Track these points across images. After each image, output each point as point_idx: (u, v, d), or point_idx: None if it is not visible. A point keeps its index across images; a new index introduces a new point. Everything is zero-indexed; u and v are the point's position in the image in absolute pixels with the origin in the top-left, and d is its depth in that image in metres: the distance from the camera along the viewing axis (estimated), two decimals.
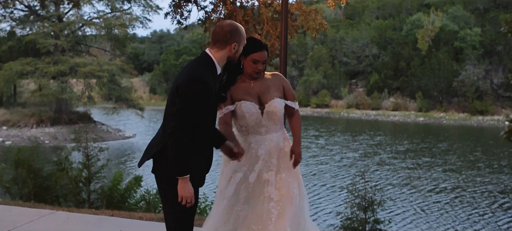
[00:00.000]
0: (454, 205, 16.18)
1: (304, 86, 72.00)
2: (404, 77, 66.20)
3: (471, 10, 71.83)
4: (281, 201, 3.97)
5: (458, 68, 63.84)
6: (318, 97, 70.50)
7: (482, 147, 33.96)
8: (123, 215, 7.94)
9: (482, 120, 60.33)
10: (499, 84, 63.32)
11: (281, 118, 4.02)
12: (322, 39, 69.91)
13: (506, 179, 21.33)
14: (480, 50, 64.85)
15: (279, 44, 12.27)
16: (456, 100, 63.93)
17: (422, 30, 67.46)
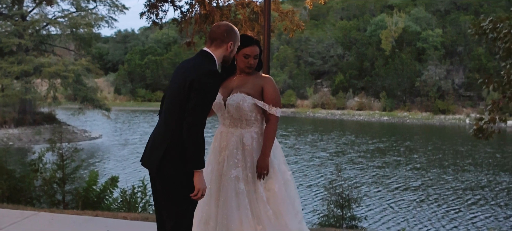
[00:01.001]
0: (424, 202, 16.58)
1: None
2: (369, 77, 67.28)
3: (433, 12, 73.53)
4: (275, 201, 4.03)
5: (421, 69, 65.30)
6: (284, 97, 70.93)
7: (446, 145, 34.77)
8: (107, 215, 7.90)
9: (444, 118, 61.82)
10: (460, 84, 65.01)
11: (247, 114, 3.98)
12: (288, 40, 70.39)
13: (471, 176, 21.99)
14: (441, 51, 66.47)
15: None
16: (419, 99, 65.35)
17: (386, 31, 68.68)
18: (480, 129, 10.70)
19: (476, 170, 23.66)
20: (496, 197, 17.84)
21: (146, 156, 3.65)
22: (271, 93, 4.01)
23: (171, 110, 3.47)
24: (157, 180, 3.56)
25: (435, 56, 65.52)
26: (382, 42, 68.49)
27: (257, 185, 3.98)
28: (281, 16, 11.38)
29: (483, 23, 10.60)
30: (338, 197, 10.91)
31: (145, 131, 39.95)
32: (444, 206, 16.00)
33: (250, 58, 3.95)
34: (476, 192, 18.44)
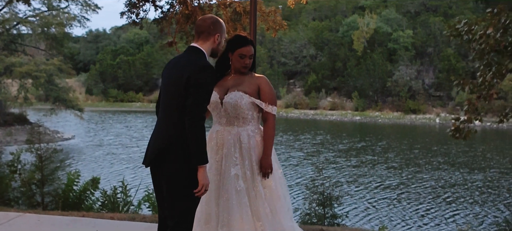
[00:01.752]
0: (402, 200, 16.84)
1: None
2: (341, 78, 67.90)
3: (403, 13, 74.60)
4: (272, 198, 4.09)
5: (392, 69, 66.22)
6: None
7: (419, 144, 35.34)
8: (93, 216, 7.86)
9: (415, 118, 62.81)
10: (430, 84, 66.17)
11: (244, 113, 4.02)
12: (261, 40, 70.60)
13: (445, 174, 22.39)
14: (412, 52, 67.53)
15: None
16: (390, 99, 66.28)
17: (357, 31, 69.43)
18: (457, 129, 10.91)
19: (450, 168, 24.11)
20: (471, 195, 18.25)
21: (148, 156, 3.64)
22: (268, 92, 4.07)
23: (169, 110, 3.48)
24: (160, 179, 3.57)
25: (406, 57, 66.54)
26: (354, 43, 69.22)
27: (257, 182, 4.04)
28: (264, 16, 11.40)
29: (458, 25, 10.81)
30: (319, 196, 11.01)
31: (119, 132, 39.62)
32: (421, 204, 16.29)
33: (245, 58, 4.00)
34: (451, 190, 18.81)
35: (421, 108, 64.15)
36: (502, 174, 23.26)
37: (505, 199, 17.49)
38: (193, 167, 3.42)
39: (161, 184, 3.59)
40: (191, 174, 3.43)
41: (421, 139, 39.70)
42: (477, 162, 26.86)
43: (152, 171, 3.68)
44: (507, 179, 21.86)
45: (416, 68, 66.18)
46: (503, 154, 31.16)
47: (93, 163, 23.33)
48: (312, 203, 11.04)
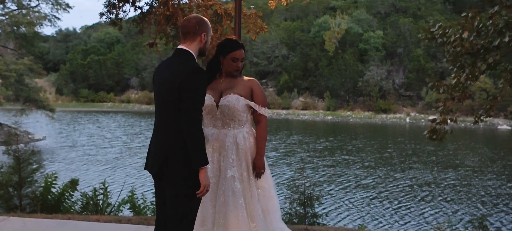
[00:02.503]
0: (379, 199, 17.10)
1: None
2: (313, 78, 68.42)
3: (374, 14, 75.56)
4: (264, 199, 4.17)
5: (363, 69, 67.05)
6: None
7: (392, 144, 35.88)
8: (78, 218, 7.81)
9: (386, 118, 63.72)
10: (400, 84, 67.21)
11: (240, 115, 4.07)
12: None
13: (419, 173, 22.83)
14: (382, 52, 68.48)
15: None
16: (361, 99, 67.10)
17: (329, 32, 70.04)
18: (434, 131, 11.07)
19: (422, 167, 24.59)
20: (443, 192, 18.64)
21: (150, 161, 3.68)
22: (260, 94, 4.14)
23: (166, 115, 3.51)
24: (163, 182, 3.62)
25: (377, 57, 67.46)
26: (325, 43, 69.80)
27: (251, 184, 4.10)
28: (245, 19, 11.47)
29: (433, 28, 10.97)
30: (300, 195, 11.11)
31: (92, 133, 39.18)
32: (399, 203, 16.56)
33: (238, 62, 4.05)
34: (424, 188, 19.18)
35: (391, 108, 65.14)
36: (474, 172, 23.81)
37: (480, 197, 17.92)
38: (194, 169, 3.46)
39: (163, 187, 3.64)
40: (192, 176, 3.48)
41: (393, 138, 40.29)
42: (449, 161, 27.43)
43: (155, 177, 3.70)
44: (479, 177, 22.41)
45: (387, 69, 67.18)
46: (473, 152, 31.90)
47: (69, 164, 23.07)
48: (293, 202, 11.11)
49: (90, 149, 29.02)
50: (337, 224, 12.65)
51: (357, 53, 68.95)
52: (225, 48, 4.05)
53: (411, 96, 66.89)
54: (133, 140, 34.04)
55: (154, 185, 3.78)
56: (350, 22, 71.75)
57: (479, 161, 27.94)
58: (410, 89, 66.76)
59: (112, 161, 24.35)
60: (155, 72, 3.70)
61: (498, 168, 25.42)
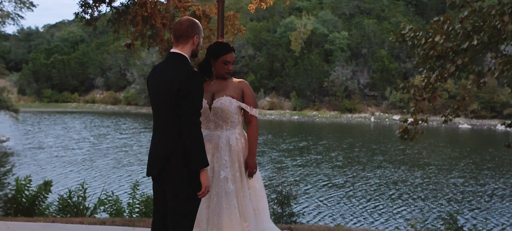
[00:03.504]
0: (350, 198, 17.38)
1: None
2: (279, 78, 68.83)
3: (339, 15, 76.47)
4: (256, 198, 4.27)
5: (329, 69, 67.79)
6: None
7: (359, 143, 36.47)
8: (63, 221, 7.79)
9: (351, 117, 64.66)
10: (365, 84, 68.23)
11: (233, 116, 4.14)
12: None
13: (387, 172, 23.30)
14: (347, 53, 69.39)
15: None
16: (327, 99, 67.85)
17: (295, 32, 70.55)
18: (405, 130, 11.30)
19: (391, 166, 25.08)
20: (412, 191, 19.11)
21: (151, 165, 3.73)
22: (250, 96, 4.22)
23: (165, 119, 3.57)
24: (163, 184, 3.66)
25: (342, 58, 68.32)
26: (291, 44, 70.29)
27: (243, 184, 4.18)
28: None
29: (403, 31, 11.22)
30: (278, 195, 11.22)
31: (58, 134, 38.55)
32: (369, 202, 16.87)
33: (229, 65, 4.14)
34: (395, 187, 19.58)
35: (356, 108, 66.12)
36: (439, 170, 24.43)
37: (448, 195, 18.43)
38: (195, 171, 3.52)
39: (162, 189, 3.69)
40: (193, 178, 3.55)
41: (359, 138, 40.86)
42: (415, 160, 28.08)
43: (155, 180, 3.75)
44: (445, 175, 23.03)
45: (352, 69, 68.10)
46: (438, 151, 32.68)
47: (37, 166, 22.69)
48: (270, 202, 11.22)
49: (58, 150, 28.56)
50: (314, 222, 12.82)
51: (322, 54, 69.70)
52: (217, 52, 4.11)
53: (375, 96, 67.99)
54: (102, 142, 33.64)
55: (153, 186, 3.83)
56: (316, 23, 72.42)
57: (444, 159, 28.67)
58: (374, 89, 67.86)
59: (82, 163, 24.07)
60: (150, 77, 3.72)
61: (463, 166, 26.17)
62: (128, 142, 33.95)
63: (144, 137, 37.39)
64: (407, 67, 68.30)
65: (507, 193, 18.91)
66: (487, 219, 14.12)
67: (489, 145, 38.70)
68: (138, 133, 40.89)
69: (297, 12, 76.27)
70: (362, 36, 70.40)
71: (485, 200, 17.47)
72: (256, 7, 11.23)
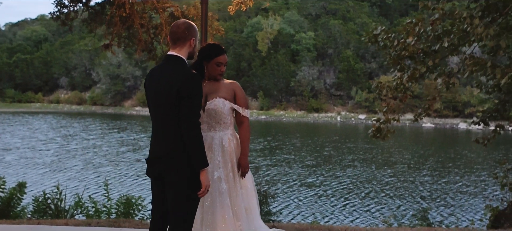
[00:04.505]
0: (325, 197, 17.62)
1: None
2: (246, 77, 68.98)
3: (305, 15, 77.10)
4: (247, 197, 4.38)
5: (295, 69, 68.37)
6: None
7: (328, 143, 36.90)
8: (46, 223, 7.74)
9: (318, 117, 65.37)
10: (331, 84, 69.02)
11: (226, 118, 4.21)
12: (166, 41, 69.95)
13: (359, 171, 23.69)
14: (314, 53, 70.06)
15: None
16: (294, 99, 68.42)
17: (262, 32, 70.85)
18: (378, 130, 11.56)
19: (360, 165, 25.51)
20: (384, 189, 19.49)
21: (151, 166, 3.78)
22: (242, 97, 4.31)
23: (165, 121, 3.63)
24: (163, 185, 3.73)
25: (308, 58, 68.96)
26: (258, 44, 70.57)
27: (236, 184, 4.29)
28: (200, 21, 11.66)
29: (376, 32, 11.50)
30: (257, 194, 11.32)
31: (24, 135, 37.73)
32: (344, 200, 17.13)
33: (222, 66, 4.21)
34: (366, 185, 19.93)
35: (323, 107, 66.86)
36: (408, 169, 24.97)
37: (419, 193, 18.86)
38: (195, 171, 3.61)
39: (162, 189, 3.75)
40: (193, 178, 3.63)
41: (328, 137, 41.28)
42: (384, 159, 28.60)
43: (156, 181, 3.80)
44: (414, 173, 23.55)
45: (318, 69, 68.81)
46: (405, 150, 33.37)
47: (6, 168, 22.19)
48: None
49: (25, 151, 27.99)
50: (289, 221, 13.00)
51: (289, 54, 70.21)
52: (210, 54, 4.18)
53: (341, 95, 68.84)
54: (70, 142, 33.15)
55: (151, 187, 3.87)
56: (282, 23, 72.88)
57: (411, 158, 29.27)
58: (340, 89, 68.73)
59: (52, 164, 23.71)
60: (148, 79, 3.78)
61: (430, 164, 26.79)
62: (97, 142, 33.57)
63: (112, 138, 36.99)
64: (372, 67, 69.45)
65: (472, 190, 19.52)
66: (457, 215, 14.57)
67: (452, 143, 39.75)
68: (107, 133, 40.45)
69: (264, 13, 76.56)
70: (328, 36, 71.17)
71: (453, 197, 17.99)
72: (237, 9, 11.39)
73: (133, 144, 32.88)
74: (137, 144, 32.88)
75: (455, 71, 11.30)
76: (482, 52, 11.10)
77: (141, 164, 24.18)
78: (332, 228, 6.99)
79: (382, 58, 67.58)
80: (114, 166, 23.61)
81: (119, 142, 34.26)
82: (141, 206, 8.68)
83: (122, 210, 9.01)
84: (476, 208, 16.09)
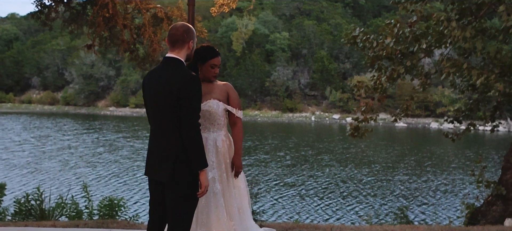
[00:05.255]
0: (303, 196, 17.76)
1: (122, 86, 71.04)
2: (220, 78, 67.97)
3: (279, 16, 77.41)
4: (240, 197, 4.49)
5: (270, 69, 68.60)
6: (137, 97, 70.11)
7: (305, 142, 37.17)
8: (33, 225, 7.71)
9: (292, 116, 65.76)
10: (306, 84, 69.49)
11: (219, 119, 4.27)
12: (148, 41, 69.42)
13: (335, 170, 23.86)
14: (288, 53, 70.43)
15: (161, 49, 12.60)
16: (268, 99, 68.66)
17: (236, 32, 70.90)
18: (356, 128, 11.80)
19: (338, 165, 25.77)
20: (363, 188, 19.75)
21: (153, 167, 3.83)
22: (235, 98, 4.42)
23: (165, 122, 3.71)
24: (165, 187, 3.79)
25: (283, 58, 69.30)
26: (233, 44, 70.61)
27: (230, 184, 4.38)
28: (184, 21, 11.74)
29: (354, 33, 11.73)
30: None
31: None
32: (322, 199, 17.28)
33: (216, 68, 4.32)
34: (345, 185, 20.15)
35: (297, 107, 67.28)
36: (385, 168, 25.33)
37: (394, 191, 19.22)
38: (194, 172, 3.69)
39: (160, 189, 3.82)
40: (192, 178, 3.71)
41: (303, 137, 41.52)
42: (360, 158, 28.95)
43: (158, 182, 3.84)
44: (390, 172, 23.93)
45: (292, 69, 69.20)
46: (381, 149, 33.90)
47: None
48: None
49: (6, 153, 27.50)
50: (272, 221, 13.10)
51: (264, 54, 70.44)
52: (205, 56, 4.26)
53: (315, 95, 69.34)
54: (45, 143, 32.68)
55: (149, 187, 3.93)
56: (257, 24, 73.05)
57: (388, 157, 29.70)
58: (314, 89, 69.22)
59: (28, 165, 23.37)
60: (146, 81, 3.84)
61: (406, 163, 27.24)
62: (73, 143, 33.19)
63: (88, 138, 36.61)
64: (346, 67, 70.12)
65: (449, 188, 19.92)
66: (436, 212, 14.90)
67: (426, 142, 40.40)
68: (82, 134, 40.00)
69: (238, 13, 76.58)
70: (302, 37, 71.60)
71: (430, 196, 18.33)
72: (220, 11, 11.51)
73: (109, 145, 32.58)
74: (114, 145, 32.59)
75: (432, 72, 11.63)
76: (457, 54, 11.39)
77: (118, 164, 24.06)
78: (318, 226, 7.13)
79: (356, 58, 68.64)
80: (92, 167, 23.41)
81: (95, 142, 33.92)
82: (123, 207, 8.68)
83: (105, 211, 9.01)
84: (454, 206, 16.46)
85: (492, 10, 10.58)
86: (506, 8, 8.75)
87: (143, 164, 24.37)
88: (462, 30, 9.14)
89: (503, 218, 8.59)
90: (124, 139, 36.52)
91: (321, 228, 7.00)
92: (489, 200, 9.36)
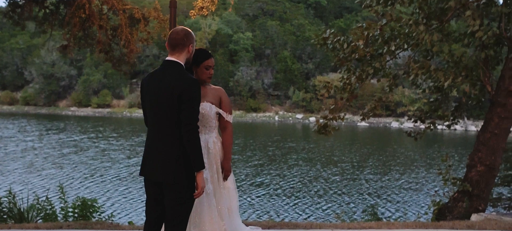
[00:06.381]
0: (275, 196, 17.96)
1: (84, 86, 69.96)
2: None
3: (242, 16, 77.59)
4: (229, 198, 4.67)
5: (234, 69, 68.77)
6: (99, 97, 69.25)
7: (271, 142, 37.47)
8: (17, 227, 7.70)
9: (256, 116, 66.15)
10: (269, 84, 69.94)
11: (212, 121, 4.41)
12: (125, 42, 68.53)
13: (304, 170, 24.19)
14: (252, 53, 70.73)
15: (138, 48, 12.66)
16: (232, 98, 68.64)
17: (200, 32, 70.66)
18: (325, 126, 12.14)
19: (305, 164, 26.16)
20: (332, 186, 20.12)
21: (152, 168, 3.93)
22: (228, 103, 4.58)
23: (163, 124, 3.82)
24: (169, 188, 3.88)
25: (246, 58, 69.56)
26: (196, 43, 70.26)
27: (220, 184, 4.56)
28: (160, 22, 11.87)
29: (325, 34, 12.07)
30: None
31: None
32: (292, 198, 17.52)
33: (210, 69, 4.47)
34: (315, 184, 20.45)
35: (261, 107, 67.70)
36: (352, 167, 25.86)
37: (364, 189, 19.68)
38: (192, 173, 3.83)
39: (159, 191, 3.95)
40: (189, 179, 3.86)
41: (268, 137, 41.78)
42: (327, 157, 29.38)
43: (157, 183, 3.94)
44: (358, 171, 24.45)
45: (256, 69, 69.57)
46: (346, 148, 34.45)
47: None
48: None
49: None
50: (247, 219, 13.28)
51: (227, 54, 70.53)
52: (199, 58, 4.39)
53: (279, 95, 69.89)
54: (7, 144, 31.94)
55: (146, 188, 4.05)
56: (220, 23, 73.08)
57: (354, 156, 30.25)
58: (278, 89, 69.76)
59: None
60: (145, 84, 3.93)
61: (373, 162, 27.85)
62: (36, 144, 32.54)
63: (52, 139, 35.96)
64: (309, 68, 70.87)
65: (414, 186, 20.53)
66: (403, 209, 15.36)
67: (389, 141, 41.34)
68: (45, 134, 39.22)
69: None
70: (265, 37, 71.99)
71: (397, 193, 18.87)
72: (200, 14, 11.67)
73: (74, 146, 32.12)
74: (79, 146, 32.14)
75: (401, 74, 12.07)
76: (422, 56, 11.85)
77: (86, 166, 23.80)
78: (298, 224, 7.37)
79: (318, 59, 69.54)
80: (59, 168, 23.11)
81: (59, 143, 33.35)
82: (97, 208, 8.72)
83: (79, 212, 9.02)
84: (420, 203, 16.99)
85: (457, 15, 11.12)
86: (472, 13, 9.25)
87: (110, 165, 24.22)
88: (429, 34, 9.59)
89: (469, 213, 8.93)
90: (89, 139, 36.06)
91: (301, 226, 7.24)
92: (455, 197, 9.75)
